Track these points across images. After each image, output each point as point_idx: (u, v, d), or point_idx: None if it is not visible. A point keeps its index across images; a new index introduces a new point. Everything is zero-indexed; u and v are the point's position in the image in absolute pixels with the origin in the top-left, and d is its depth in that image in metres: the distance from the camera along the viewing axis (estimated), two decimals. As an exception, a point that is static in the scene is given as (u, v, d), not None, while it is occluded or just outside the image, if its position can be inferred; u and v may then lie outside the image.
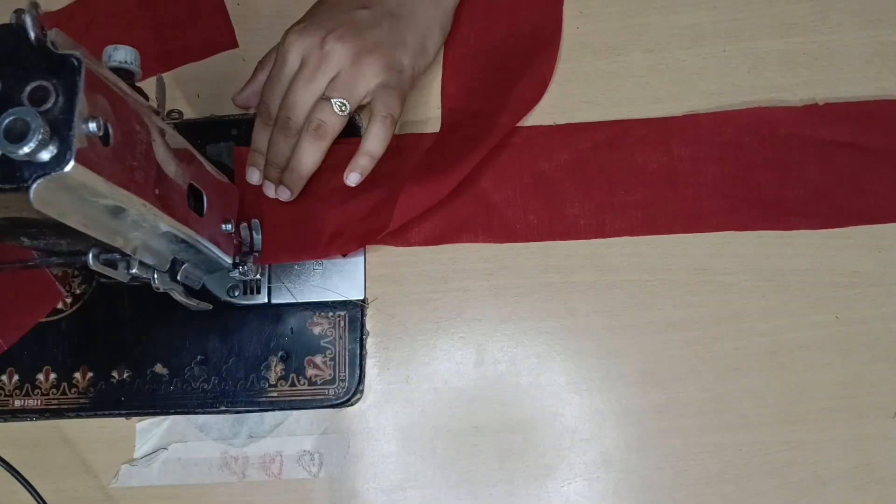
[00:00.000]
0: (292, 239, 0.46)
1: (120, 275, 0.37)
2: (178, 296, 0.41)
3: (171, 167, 0.37)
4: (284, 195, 0.45)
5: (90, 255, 0.35)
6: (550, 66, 0.48)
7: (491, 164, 0.47)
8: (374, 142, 0.43)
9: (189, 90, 0.51)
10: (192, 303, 0.42)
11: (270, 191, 0.45)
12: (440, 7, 0.47)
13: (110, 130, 0.31)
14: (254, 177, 0.45)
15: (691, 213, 0.45)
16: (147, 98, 0.37)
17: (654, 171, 0.46)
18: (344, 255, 0.46)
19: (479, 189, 0.47)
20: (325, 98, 0.43)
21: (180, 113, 0.43)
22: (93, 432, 0.47)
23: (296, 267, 0.47)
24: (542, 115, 0.48)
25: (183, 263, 0.41)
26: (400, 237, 0.46)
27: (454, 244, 0.47)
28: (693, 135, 0.46)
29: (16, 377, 0.47)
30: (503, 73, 0.48)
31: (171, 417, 0.46)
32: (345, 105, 0.43)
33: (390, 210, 0.44)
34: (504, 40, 0.49)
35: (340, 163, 0.45)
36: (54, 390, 0.46)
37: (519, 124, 0.48)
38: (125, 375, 0.46)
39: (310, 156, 0.44)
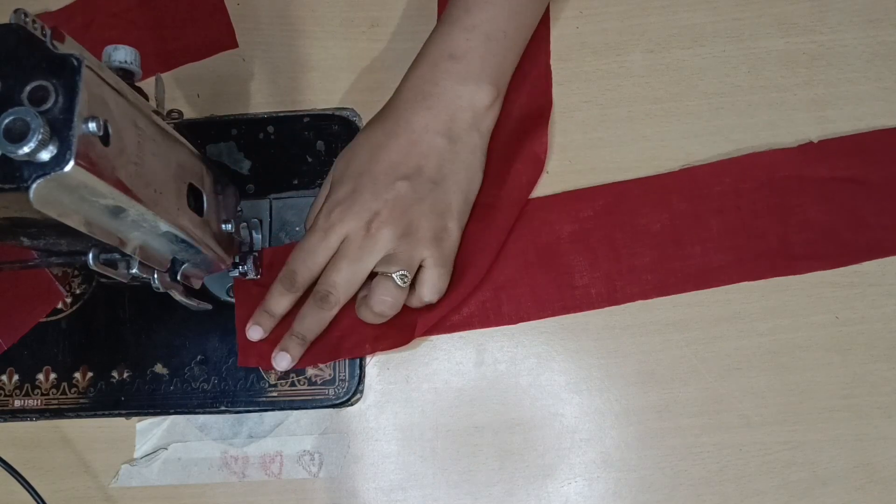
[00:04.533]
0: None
1: (120, 275, 0.37)
2: (178, 296, 0.41)
3: (171, 167, 0.37)
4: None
5: (90, 255, 0.35)
6: (542, 142, 0.46)
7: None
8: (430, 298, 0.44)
9: (189, 90, 0.51)
10: (192, 303, 0.42)
11: (285, 363, 0.43)
12: (477, 151, 0.45)
13: (110, 130, 0.31)
14: (256, 335, 0.44)
15: (701, 270, 0.45)
16: (147, 98, 0.37)
17: (658, 231, 0.46)
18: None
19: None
20: (384, 275, 0.42)
21: (180, 113, 0.43)
22: (93, 432, 0.47)
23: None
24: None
25: (183, 263, 0.41)
26: (408, 335, 0.44)
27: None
28: (691, 189, 0.46)
29: (16, 377, 0.47)
30: (498, 160, 0.46)
31: (171, 417, 0.46)
32: (406, 276, 0.42)
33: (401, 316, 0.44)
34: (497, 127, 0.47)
35: None
36: (54, 390, 0.46)
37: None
38: (125, 375, 0.46)
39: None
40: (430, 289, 0.43)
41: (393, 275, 0.42)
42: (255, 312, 0.44)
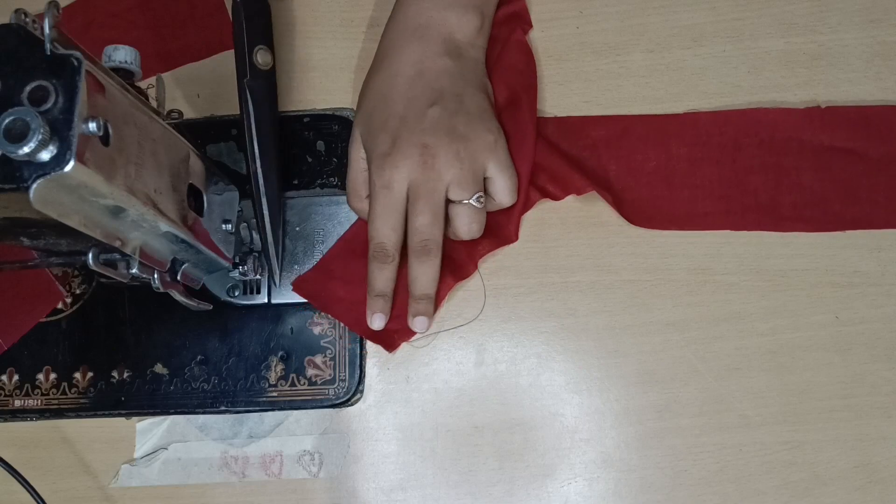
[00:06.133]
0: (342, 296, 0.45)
1: (120, 275, 0.37)
2: (178, 296, 0.41)
3: (171, 167, 0.37)
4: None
5: (90, 255, 0.35)
6: (524, 43, 0.47)
7: None
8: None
9: (189, 90, 0.51)
10: (192, 303, 0.42)
11: (424, 324, 0.43)
12: (480, 64, 0.46)
13: (110, 130, 0.31)
14: (381, 322, 0.43)
15: (687, 213, 0.45)
16: (147, 98, 0.37)
17: (651, 170, 0.46)
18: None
19: None
20: (459, 203, 0.42)
21: (180, 113, 0.43)
22: (93, 432, 0.47)
23: (296, 266, 0.47)
24: (542, 114, 0.48)
25: (183, 263, 0.41)
26: (510, 233, 0.46)
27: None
28: (692, 135, 0.46)
29: (16, 377, 0.47)
30: (495, 67, 0.47)
31: (171, 417, 0.46)
32: (482, 196, 0.42)
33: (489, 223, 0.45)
34: None
35: None
36: (54, 390, 0.46)
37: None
38: (125, 375, 0.46)
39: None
40: (506, 194, 0.44)
41: (468, 201, 0.42)
42: (368, 302, 0.44)
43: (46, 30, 0.30)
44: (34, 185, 0.28)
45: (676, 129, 0.46)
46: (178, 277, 0.40)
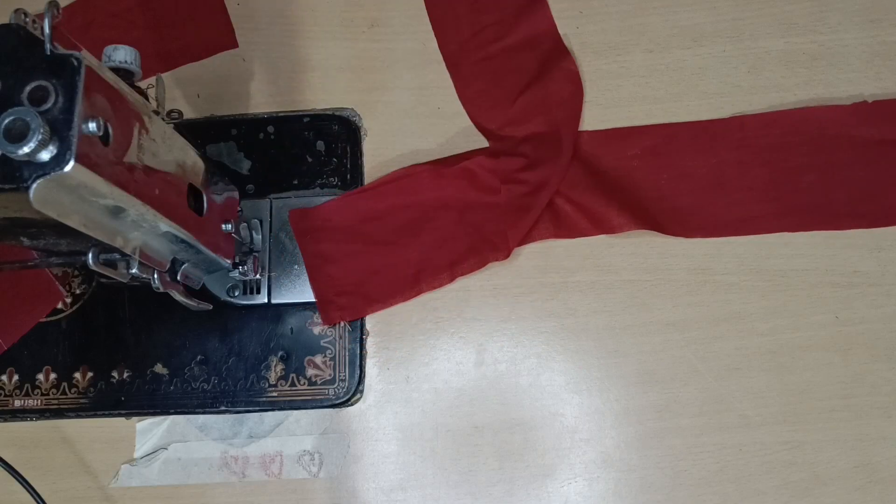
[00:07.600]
0: (375, 289, 0.46)
1: (120, 275, 0.36)
2: (178, 296, 0.41)
3: (171, 167, 0.37)
4: None
5: (90, 255, 0.35)
6: (570, 59, 0.48)
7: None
8: None
9: (189, 90, 0.51)
10: (192, 303, 0.42)
11: None
12: None
13: (110, 130, 0.31)
14: None
15: (742, 218, 0.45)
16: (147, 98, 0.37)
17: (702, 176, 0.46)
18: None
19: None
20: None
21: (180, 113, 0.43)
22: (93, 432, 0.47)
23: (296, 266, 0.47)
24: (542, 115, 0.48)
25: (183, 263, 0.41)
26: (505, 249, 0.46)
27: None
28: (739, 138, 0.46)
29: (16, 377, 0.47)
30: (522, 74, 0.48)
31: (171, 417, 0.46)
32: None
33: (470, 236, 0.45)
34: (501, 44, 0.49)
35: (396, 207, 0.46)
36: (54, 390, 0.46)
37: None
38: (125, 375, 0.46)
39: None
40: None
41: None
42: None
43: (46, 30, 0.30)
44: (34, 185, 0.28)
45: (723, 133, 0.46)
46: (178, 277, 0.40)
